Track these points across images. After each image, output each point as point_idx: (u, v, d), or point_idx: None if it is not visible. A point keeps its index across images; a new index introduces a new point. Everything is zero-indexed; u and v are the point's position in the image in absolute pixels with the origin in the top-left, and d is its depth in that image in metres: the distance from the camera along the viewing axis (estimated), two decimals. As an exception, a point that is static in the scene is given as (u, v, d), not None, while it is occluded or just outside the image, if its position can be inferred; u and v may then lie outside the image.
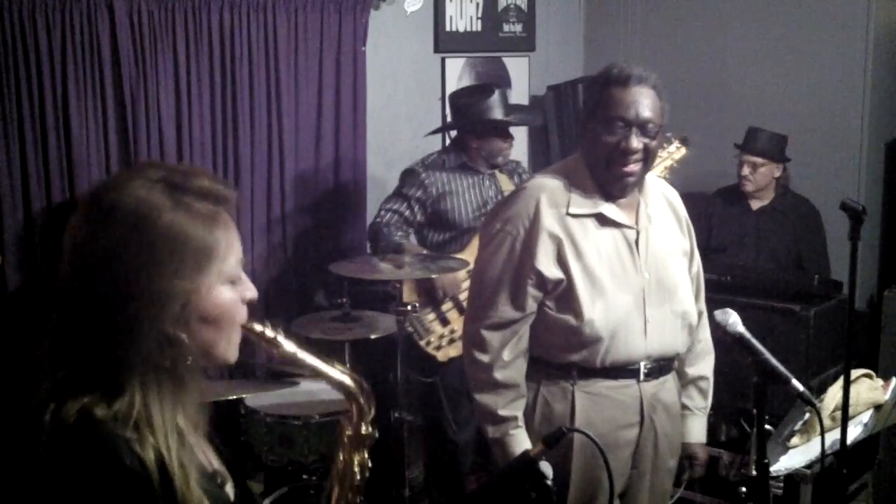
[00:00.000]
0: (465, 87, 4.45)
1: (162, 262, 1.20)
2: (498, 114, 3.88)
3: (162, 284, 1.20)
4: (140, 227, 1.20)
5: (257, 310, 1.41)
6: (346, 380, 1.44)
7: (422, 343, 3.77)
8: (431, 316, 3.79)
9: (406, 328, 3.63)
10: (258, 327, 1.34)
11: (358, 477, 1.46)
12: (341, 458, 1.47)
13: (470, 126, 3.89)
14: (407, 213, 3.85)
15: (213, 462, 1.39)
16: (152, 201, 1.21)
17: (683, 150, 3.56)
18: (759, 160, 4.25)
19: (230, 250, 1.28)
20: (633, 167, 2.36)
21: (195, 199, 1.25)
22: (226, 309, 1.27)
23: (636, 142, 2.33)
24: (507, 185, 3.98)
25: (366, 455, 1.47)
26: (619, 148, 2.34)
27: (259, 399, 3.36)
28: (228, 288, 1.28)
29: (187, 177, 1.27)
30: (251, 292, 1.32)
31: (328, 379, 1.44)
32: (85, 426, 1.17)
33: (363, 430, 1.46)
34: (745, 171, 4.28)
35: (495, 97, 3.91)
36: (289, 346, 1.37)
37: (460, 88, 4.26)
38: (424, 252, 3.76)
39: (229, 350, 1.30)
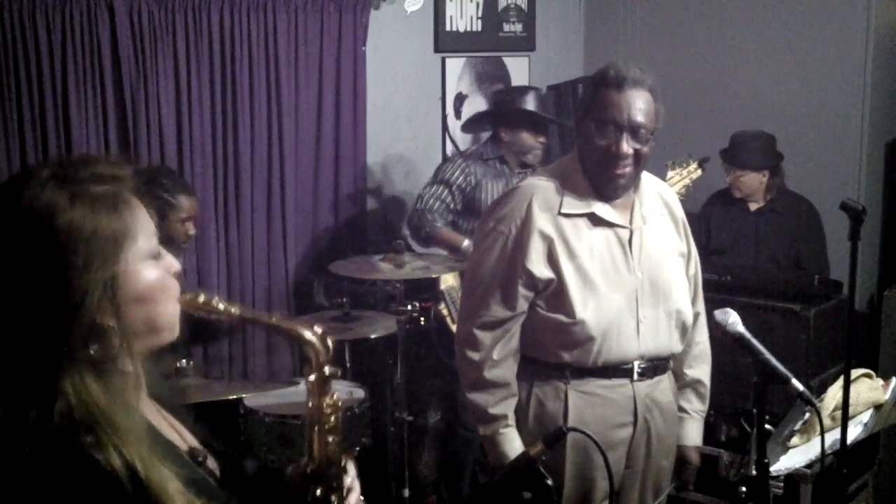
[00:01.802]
0: (506, 87, 4.50)
1: (70, 260, 1.18)
2: (531, 107, 3.98)
3: (77, 281, 1.18)
4: (39, 230, 1.18)
5: (257, 310, 1.42)
6: (296, 327, 1.46)
7: (454, 327, 3.78)
8: None
9: (440, 310, 3.71)
10: (189, 295, 1.34)
11: (332, 418, 1.48)
12: (311, 404, 1.48)
13: (501, 116, 3.99)
14: (448, 199, 3.92)
15: (188, 439, 1.40)
16: (47, 201, 1.19)
17: (700, 172, 3.61)
18: (738, 171, 4.24)
19: (140, 229, 1.25)
20: (623, 171, 2.37)
21: (91, 185, 1.22)
22: (152, 285, 1.26)
23: (626, 146, 2.34)
24: None
25: (335, 396, 1.49)
26: (610, 151, 2.35)
27: (258, 399, 3.35)
28: (151, 264, 1.27)
29: (78, 166, 1.25)
30: (174, 264, 1.32)
31: (277, 330, 1.46)
32: (37, 439, 1.15)
33: (326, 371, 1.47)
34: (729, 179, 4.29)
35: (531, 94, 4.04)
36: (226, 306, 1.38)
37: (502, 89, 4.30)
38: (463, 245, 3.77)
39: (170, 323, 1.30)
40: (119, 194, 1.24)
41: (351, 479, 1.54)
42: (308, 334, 1.45)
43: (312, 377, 1.47)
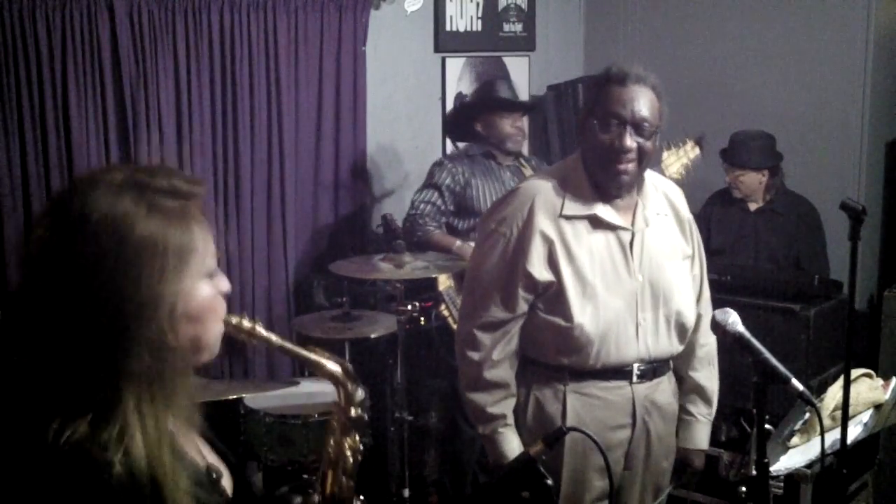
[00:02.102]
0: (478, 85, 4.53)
1: (144, 270, 1.17)
2: (500, 94, 4.03)
3: (147, 292, 1.17)
4: (116, 239, 1.17)
5: (257, 309, 1.43)
6: (330, 364, 1.45)
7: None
8: None
9: (441, 311, 3.70)
10: (235, 319, 1.34)
11: (350, 461, 1.48)
12: (332, 442, 1.48)
13: (474, 110, 4.02)
14: (439, 202, 3.92)
15: (207, 456, 1.39)
16: (124, 209, 1.18)
17: (698, 150, 3.59)
18: (738, 171, 4.24)
19: (206, 245, 1.26)
20: (627, 166, 2.36)
21: (164, 198, 1.22)
22: (208, 304, 1.26)
23: (630, 140, 2.33)
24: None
25: (357, 438, 1.49)
26: (613, 146, 2.34)
27: (259, 399, 3.35)
28: (207, 283, 1.26)
29: (153, 176, 1.24)
30: (226, 284, 1.31)
31: (311, 364, 1.45)
32: (75, 453, 1.14)
33: (352, 413, 1.47)
34: (729, 178, 4.29)
35: (498, 83, 4.11)
36: (267, 334, 1.37)
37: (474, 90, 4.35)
38: (455, 245, 3.80)
39: (213, 343, 1.29)
40: (189, 208, 1.24)
41: None
42: (341, 374, 1.44)
43: (338, 418, 1.47)
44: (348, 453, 1.47)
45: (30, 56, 3.36)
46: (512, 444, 2.44)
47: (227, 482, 1.40)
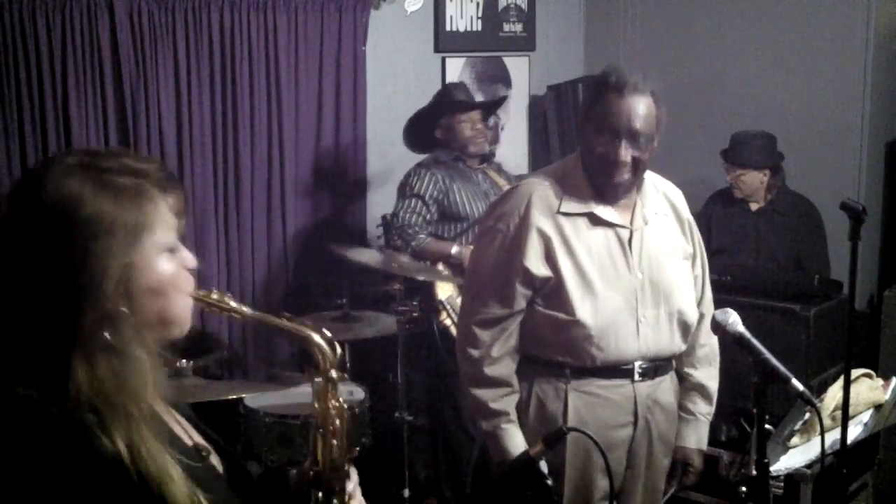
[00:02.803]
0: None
1: (90, 246, 1.22)
2: (455, 97, 4.03)
3: (94, 266, 1.22)
4: (64, 217, 1.22)
5: (258, 309, 1.43)
6: (305, 329, 1.47)
7: None
8: None
9: (443, 321, 3.69)
10: (202, 292, 1.38)
11: (338, 422, 1.49)
12: (316, 406, 1.49)
13: (431, 117, 4.00)
14: (424, 211, 3.90)
15: (193, 436, 1.41)
16: (73, 188, 1.23)
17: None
18: (739, 170, 4.24)
19: (160, 223, 1.29)
20: (622, 177, 2.37)
21: (114, 176, 1.27)
22: (166, 278, 1.30)
23: (624, 153, 2.34)
24: (499, 181, 4.07)
25: (341, 400, 1.50)
26: (608, 159, 2.35)
27: (258, 399, 3.35)
28: (167, 258, 1.30)
29: (103, 157, 1.29)
30: (191, 260, 1.35)
31: (285, 331, 1.47)
32: (39, 415, 1.19)
33: (333, 374, 1.48)
34: (730, 178, 4.29)
35: (450, 87, 4.16)
36: (237, 305, 1.41)
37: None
38: (453, 250, 3.80)
39: (181, 317, 1.33)
40: (142, 186, 1.28)
41: (353, 485, 1.54)
42: (316, 337, 1.46)
43: (318, 380, 1.48)
44: (334, 414, 1.48)
45: (30, 56, 3.36)
46: (516, 441, 2.43)
47: (216, 460, 1.42)
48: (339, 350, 1.48)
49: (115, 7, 3.50)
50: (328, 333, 1.48)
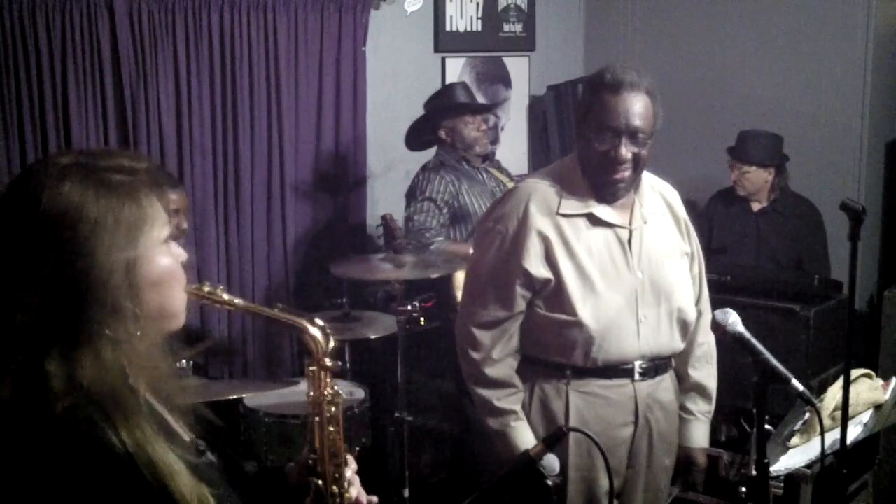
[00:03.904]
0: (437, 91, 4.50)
1: (94, 245, 1.24)
2: (459, 99, 4.04)
3: (99, 264, 1.24)
4: (66, 222, 1.23)
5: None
6: (298, 318, 1.49)
7: None
8: None
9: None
10: (195, 286, 1.41)
11: (332, 409, 1.51)
12: (311, 395, 1.52)
13: (435, 118, 4.02)
14: (438, 214, 3.91)
15: (190, 433, 1.43)
16: (71, 192, 1.24)
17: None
18: (745, 167, 4.24)
19: (156, 217, 1.31)
20: (623, 175, 2.38)
21: (110, 174, 1.28)
22: (166, 271, 1.32)
23: (625, 151, 2.35)
24: (502, 178, 4.13)
25: (336, 387, 1.52)
26: (609, 157, 2.35)
27: (258, 399, 3.35)
28: (164, 251, 1.33)
29: (97, 157, 1.31)
30: (182, 254, 1.37)
31: (279, 322, 1.50)
32: (49, 413, 1.20)
33: (327, 362, 1.50)
34: (734, 176, 4.29)
35: (457, 88, 4.13)
36: (229, 297, 1.44)
37: (429, 97, 4.30)
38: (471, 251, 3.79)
39: (178, 310, 1.36)
40: (136, 184, 1.30)
41: (351, 472, 1.55)
42: (309, 326, 1.49)
43: (313, 368, 1.50)
44: (329, 401, 1.51)
45: (30, 56, 3.36)
46: (525, 438, 2.43)
47: (211, 456, 1.43)
48: (332, 339, 1.50)
49: (115, 7, 3.50)
50: (320, 322, 1.51)
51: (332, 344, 1.51)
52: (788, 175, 4.34)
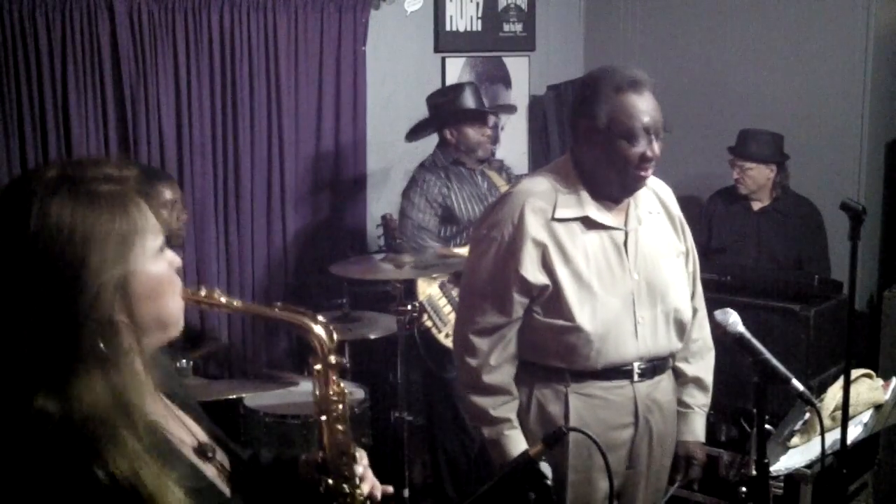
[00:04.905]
0: (440, 88, 4.49)
1: (86, 261, 1.20)
2: (469, 104, 4.01)
3: (91, 280, 1.20)
4: (57, 241, 1.19)
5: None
6: (300, 317, 1.47)
7: (440, 336, 3.76)
8: (448, 308, 3.79)
9: (424, 323, 3.69)
10: (191, 290, 1.38)
11: (340, 407, 1.50)
12: (318, 393, 1.50)
13: (443, 119, 4.01)
14: (431, 213, 3.92)
15: (198, 434, 1.41)
16: (59, 210, 1.20)
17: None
18: (747, 164, 4.24)
19: (147, 226, 1.28)
20: (649, 171, 2.40)
21: (98, 185, 1.24)
22: (160, 280, 1.29)
23: (657, 147, 2.37)
24: (498, 181, 4.10)
25: (341, 385, 1.51)
26: (644, 156, 2.36)
27: (258, 399, 3.35)
28: (158, 260, 1.30)
29: (84, 168, 1.27)
30: (176, 260, 1.34)
31: (281, 321, 1.48)
32: (39, 438, 1.16)
33: (332, 359, 1.48)
34: (736, 174, 4.28)
35: (467, 90, 4.07)
36: (227, 300, 1.41)
37: (435, 90, 4.29)
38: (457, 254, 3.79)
39: (175, 317, 1.32)
40: (126, 194, 1.27)
41: (363, 468, 1.54)
42: (312, 324, 1.47)
43: (318, 367, 1.48)
44: (335, 399, 1.50)
45: (30, 56, 3.36)
46: (519, 447, 2.42)
47: (221, 457, 1.42)
48: (335, 335, 1.49)
49: (115, 7, 3.50)
50: (323, 319, 1.49)
51: (335, 340, 1.49)
52: (789, 174, 4.34)
